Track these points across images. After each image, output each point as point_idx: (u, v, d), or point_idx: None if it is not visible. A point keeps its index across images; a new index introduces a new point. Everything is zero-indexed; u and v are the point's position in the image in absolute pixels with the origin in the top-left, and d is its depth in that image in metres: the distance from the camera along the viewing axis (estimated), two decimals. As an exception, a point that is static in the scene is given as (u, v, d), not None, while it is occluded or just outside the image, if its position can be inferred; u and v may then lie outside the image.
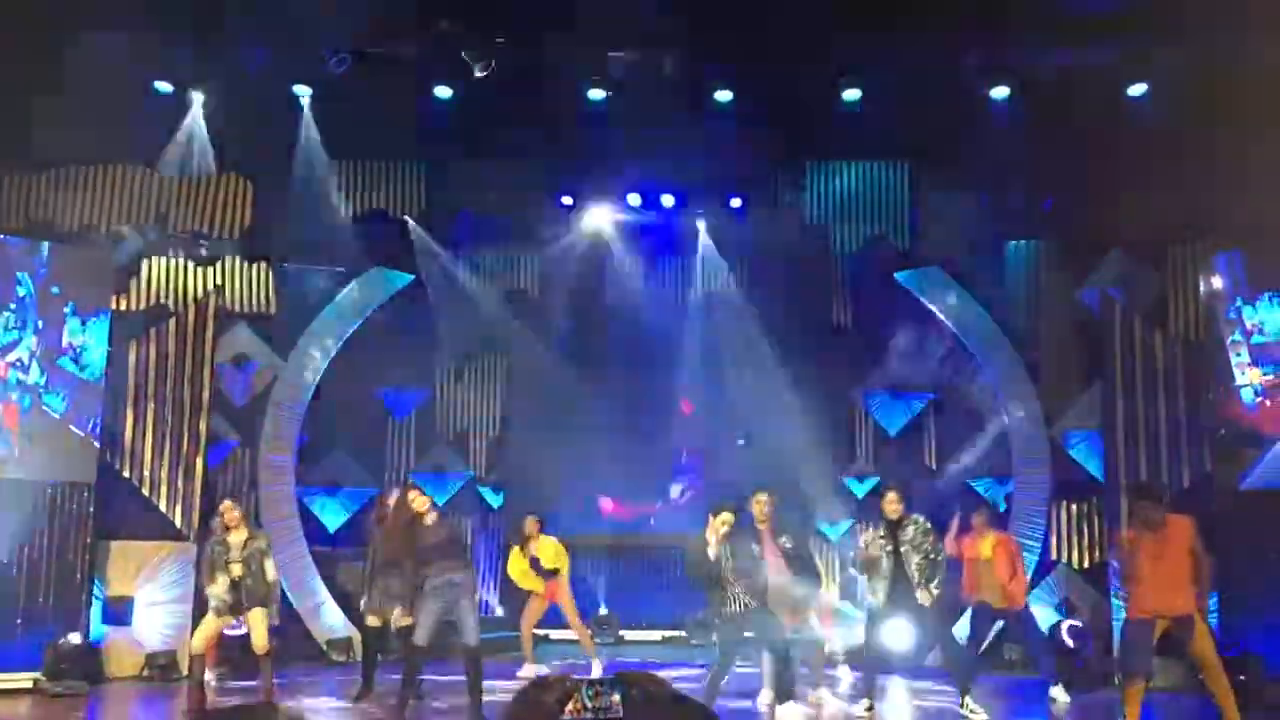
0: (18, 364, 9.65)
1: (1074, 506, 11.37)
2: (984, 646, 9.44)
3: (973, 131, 10.75)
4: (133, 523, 10.34)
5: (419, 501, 8.18)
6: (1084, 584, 11.06)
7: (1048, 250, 11.85)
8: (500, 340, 13.47)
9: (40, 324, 9.78)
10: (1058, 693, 8.75)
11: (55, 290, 9.89)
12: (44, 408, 9.74)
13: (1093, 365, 11.18)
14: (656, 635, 12.93)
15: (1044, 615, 10.65)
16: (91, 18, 9.28)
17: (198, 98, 10.71)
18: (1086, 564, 11.18)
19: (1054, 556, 11.29)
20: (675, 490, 13.70)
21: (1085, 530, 11.31)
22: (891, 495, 8.43)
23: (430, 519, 8.09)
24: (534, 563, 10.01)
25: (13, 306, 9.66)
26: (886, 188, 12.50)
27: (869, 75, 10.52)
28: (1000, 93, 10.52)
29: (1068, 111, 10.36)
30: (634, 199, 13.00)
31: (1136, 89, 10.27)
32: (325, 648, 11.27)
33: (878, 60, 10.27)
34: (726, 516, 7.87)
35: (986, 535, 9.03)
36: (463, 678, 7.76)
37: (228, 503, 8.48)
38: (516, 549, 10.17)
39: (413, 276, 12.50)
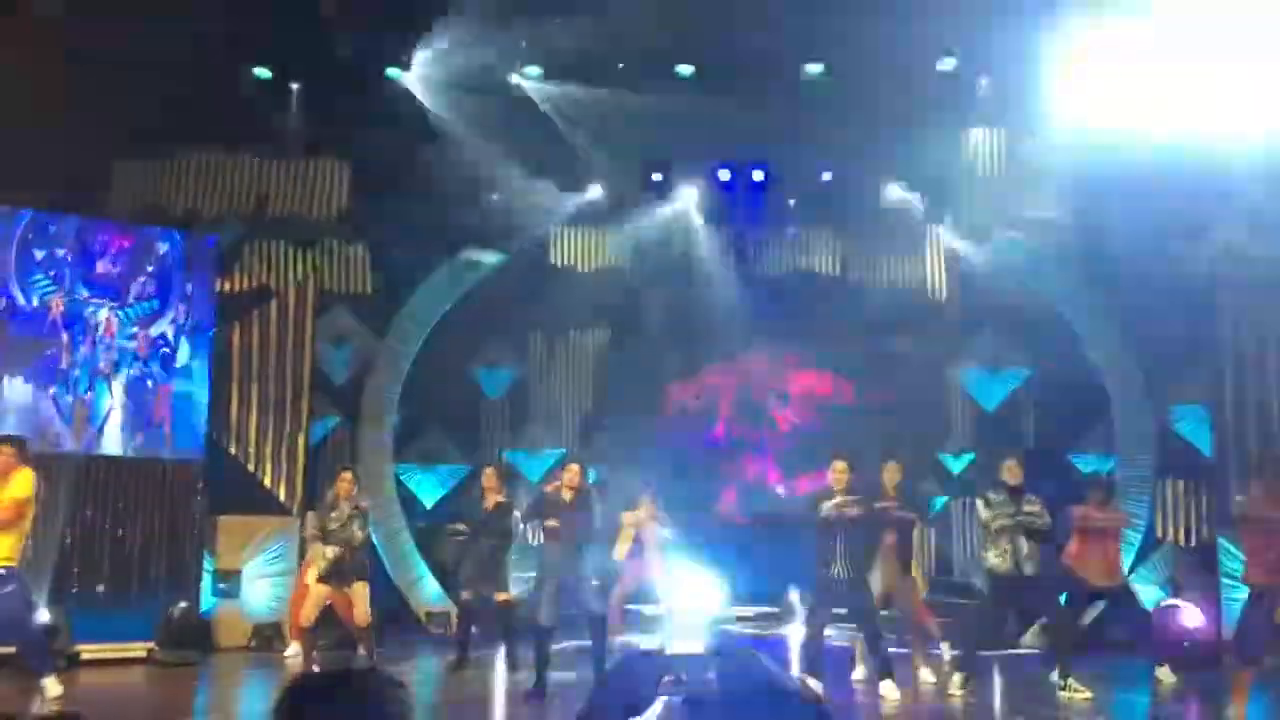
0: (161, 343, 10.02)
1: (1180, 483, 11.04)
2: (1085, 624, 9.25)
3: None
4: (239, 499, 10.67)
5: (569, 477, 8.17)
6: (1191, 562, 10.75)
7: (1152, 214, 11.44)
8: (594, 318, 13.52)
9: (171, 307, 10.14)
10: (1163, 673, 8.53)
11: (177, 275, 10.22)
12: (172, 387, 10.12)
13: (1202, 340, 10.81)
14: (750, 612, 12.90)
15: (1149, 594, 10.39)
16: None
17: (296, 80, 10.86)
18: (1193, 542, 10.86)
19: (1159, 534, 10.99)
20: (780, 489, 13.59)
21: (1192, 507, 10.98)
22: (1011, 462, 8.38)
23: (568, 496, 8.14)
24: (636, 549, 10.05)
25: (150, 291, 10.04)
26: (983, 158, 12.19)
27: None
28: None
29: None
30: (724, 174, 12.92)
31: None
32: (424, 619, 11.51)
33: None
34: (841, 465, 7.80)
35: (1101, 512, 8.84)
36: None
37: (346, 473, 8.70)
38: (628, 525, 10.15)
39: (506, 255, 12.60)
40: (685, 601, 11.35)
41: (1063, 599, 8.98)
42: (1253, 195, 9.68)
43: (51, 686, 7.53)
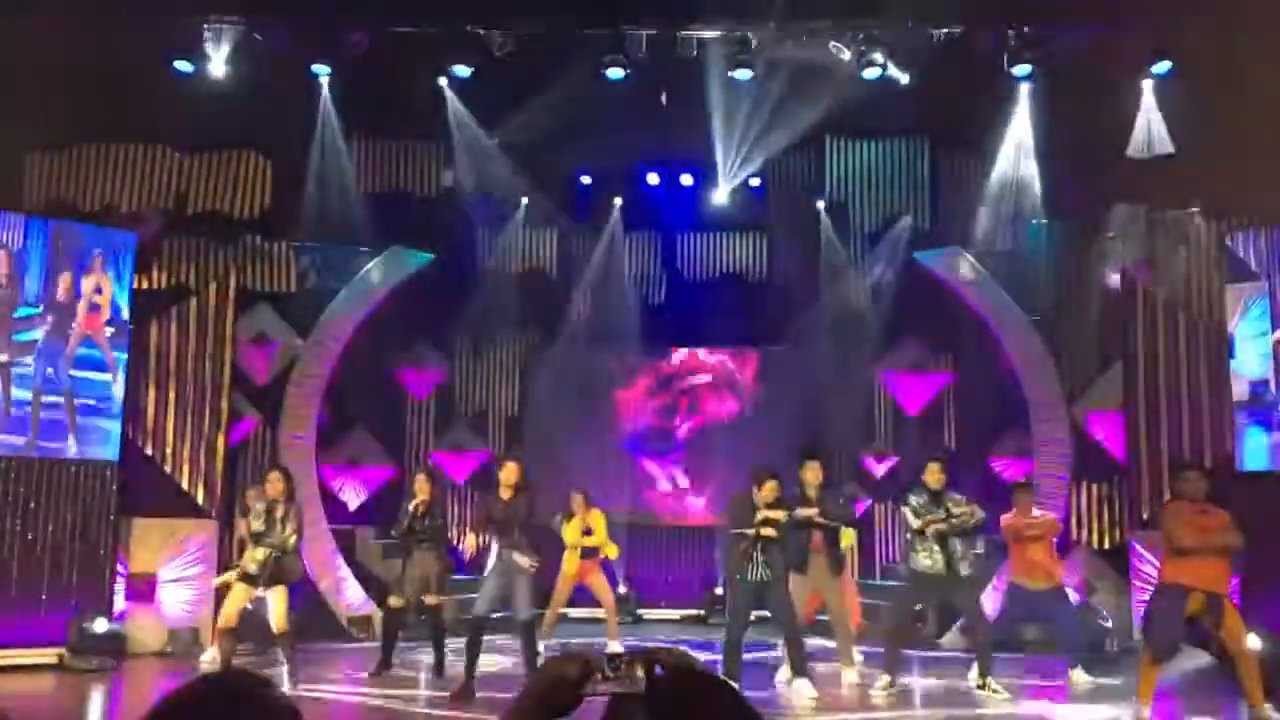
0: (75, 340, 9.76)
1: (1095, 487, 11.32)
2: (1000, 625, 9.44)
3: (995, 107, 10.66)
4: (155, 500, 10.42)
5: (508, 474, 8.25)
6: (1104, 565, 11.02)
7: (1069, 228, 11.75)
8: (518, 320, 13.48)
9: (71, 303, 9.86)
10: (1077, 674, 8.72)
11: (81, 269, 9.94)
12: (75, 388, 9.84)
13: (1114, 344, 11.11)
14: (675, 614, 12.97)
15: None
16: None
17: (219, 71, 10.59)
18: (1107, 544, 11.14)
19: (1074, 537, 11.25)
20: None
21: (1106, 511, 11.27)
22: (935, 466, 8.52)
23: (508, 494, 8.23)
24: (586, 534, 10.05)
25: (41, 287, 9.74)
26: (906, 165, 12.41)
27: (893, 50, 10.41)
28: (1022, 69, 10.39)
29: (1088, 88, 10.25)
30: (652, 178, 12.97)
31: (1160, 66, 10.14)
32: (346, 625, 11.35)
33: (901, 35, 10.17)
34: (773, 484, 7.93)
35: (1029, 514, 9.01)
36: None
37: (274, 473, 8.56)
38: (570, 521, 10.14)
39: (431, 255, 12.51)
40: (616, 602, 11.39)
41: (994, 599, 9.16)
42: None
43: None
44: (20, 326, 9.65)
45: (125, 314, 10.16)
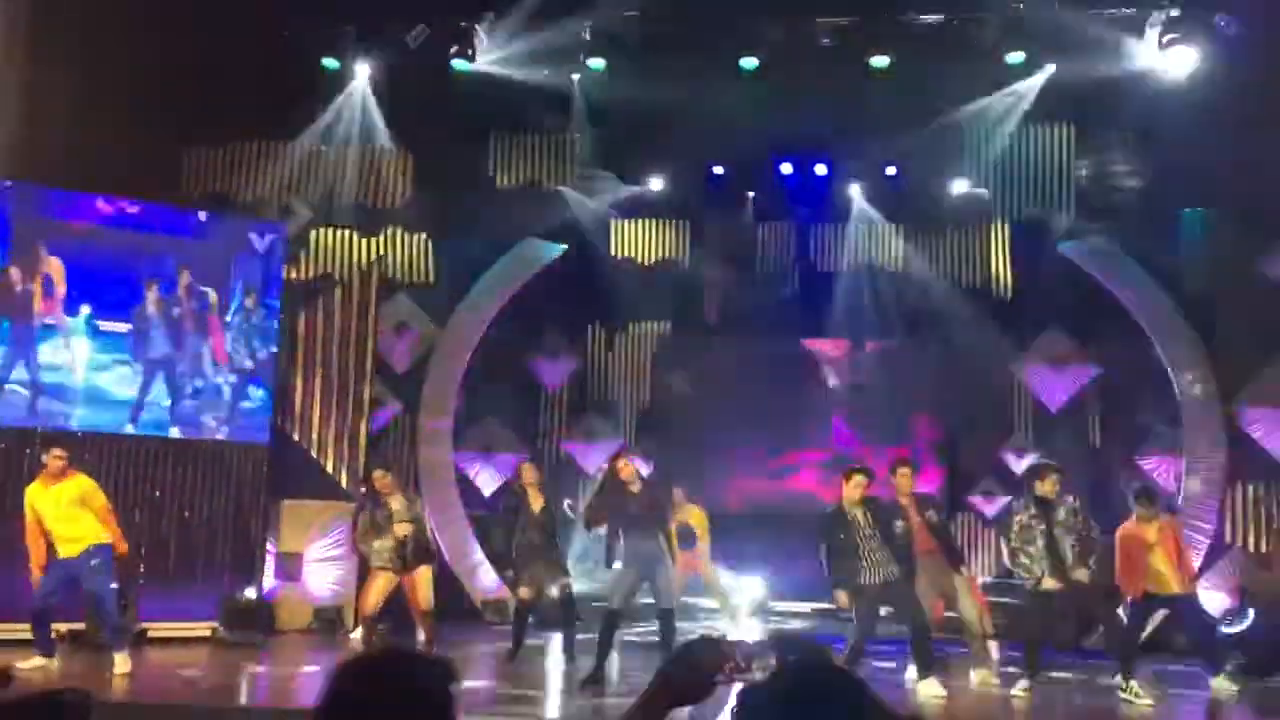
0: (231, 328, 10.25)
1: (1250, 488, 10.79)
2: (1145, 634, 9.02)
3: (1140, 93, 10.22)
4: (303, 483, 10.83)
5: (626, 470, 8.36)
6: (1261, 570, 10.49)
7: (1225, 217, 11.19)
8: (652, 310, 13.53)
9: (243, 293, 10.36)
10: (1219, 682, 8.31)
11: (243, 261, 10.42)
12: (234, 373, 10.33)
13: (1274, 339, 10.55)
14: (806, 608, 12.85)
15: (1216, 601, 10.16)
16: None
17: (362, 70, 10.91)
18: (1264, 549, 10.60)
19: (1228, 540, 10.74)
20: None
21: (1263, 514, 10.72)
22: (1052, 477, 8.19)
23: (635, 487, 8.31)
24: (683, 533, 10.07)
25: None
26: (1051, 152, 11.99)
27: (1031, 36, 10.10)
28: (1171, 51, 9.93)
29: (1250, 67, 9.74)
30: (786, 168, 12.85)
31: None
32: (481, 608, 11.60)
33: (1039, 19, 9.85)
34: (860, 479, 7.85)
35: (1153, 520, 8.58)
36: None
37: (378, 471, 8.85)
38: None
39: (565, 247, 12.64)
40: (738, 593, 11.38)
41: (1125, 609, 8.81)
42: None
43: (121, 663, 7.72)
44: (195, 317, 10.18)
45: (275, 303, 10.59)
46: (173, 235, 10.18)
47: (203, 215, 10.43)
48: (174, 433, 10.00)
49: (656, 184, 12.70)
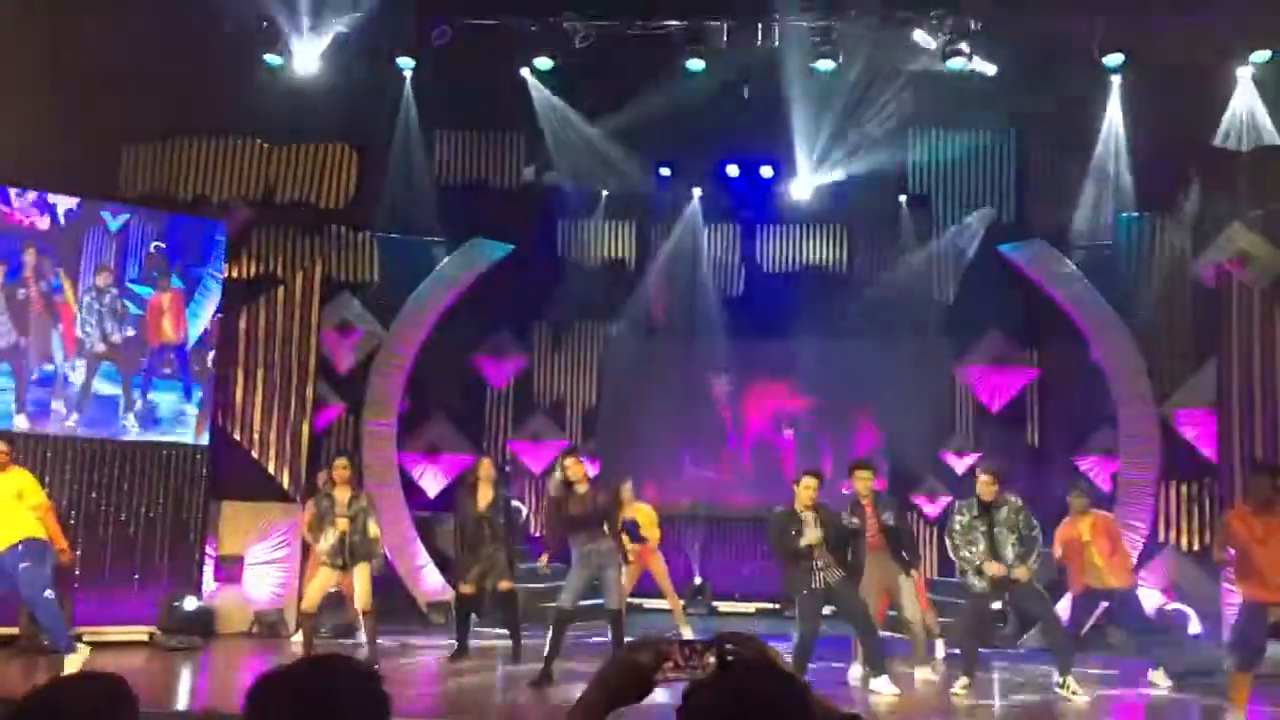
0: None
1: (1184, 487, 11.02)
2: (1085, 629, 9.22)
3: (1084, 99, 10.41)
4: (243, 484, 10.68)
5: (574, 470, 8.31)
6: (1192, 567, 10.73)
7: (1160, 223, 11.43)
8: (598, 310, 13.54)
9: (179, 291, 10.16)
10: (1158, 677, 8.52)
11: (177, 259, 10.23)
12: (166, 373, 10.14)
13: (1207, 342, 10.79)
14: (750, 608, 12.92)
15: (1149, 598, 10.36)
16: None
17: (307, 67, 10.77)
18: (1196, 546, 10.83)
19: (1161, 539, 10.96)
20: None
21: (1195, 512, 10.95)
22: (986, 477, 8.31)
23: (582, 489, 8.26)
24: (630, 528, 10.08)
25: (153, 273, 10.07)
26: (991, 157, 12.18)
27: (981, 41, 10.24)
28: (1114, 59, 10.15)
29: (1183, 78, 9.97)
30: (732, 170, 12.92)
31: (1260, 55, 9.83)
32: (425, 610, 11.52)
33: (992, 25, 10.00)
34: (810, 481, 7.91)
35: (1085, 516, 8.78)
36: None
37: (341, 459, 8.70)
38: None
39: (512, 246, 12.61)
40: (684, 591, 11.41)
41: (1066, 603, 8.97)
42: None
43: (70, 664, 7.57)
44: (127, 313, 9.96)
45: (216, 303, 10.43)
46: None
47: (73, 202, 9.91)
48: (19, 423, 9.54)
49: (603, 184, 12.70)
